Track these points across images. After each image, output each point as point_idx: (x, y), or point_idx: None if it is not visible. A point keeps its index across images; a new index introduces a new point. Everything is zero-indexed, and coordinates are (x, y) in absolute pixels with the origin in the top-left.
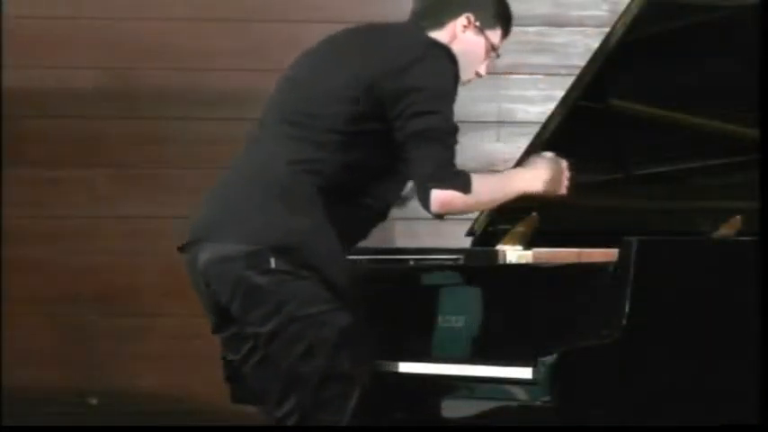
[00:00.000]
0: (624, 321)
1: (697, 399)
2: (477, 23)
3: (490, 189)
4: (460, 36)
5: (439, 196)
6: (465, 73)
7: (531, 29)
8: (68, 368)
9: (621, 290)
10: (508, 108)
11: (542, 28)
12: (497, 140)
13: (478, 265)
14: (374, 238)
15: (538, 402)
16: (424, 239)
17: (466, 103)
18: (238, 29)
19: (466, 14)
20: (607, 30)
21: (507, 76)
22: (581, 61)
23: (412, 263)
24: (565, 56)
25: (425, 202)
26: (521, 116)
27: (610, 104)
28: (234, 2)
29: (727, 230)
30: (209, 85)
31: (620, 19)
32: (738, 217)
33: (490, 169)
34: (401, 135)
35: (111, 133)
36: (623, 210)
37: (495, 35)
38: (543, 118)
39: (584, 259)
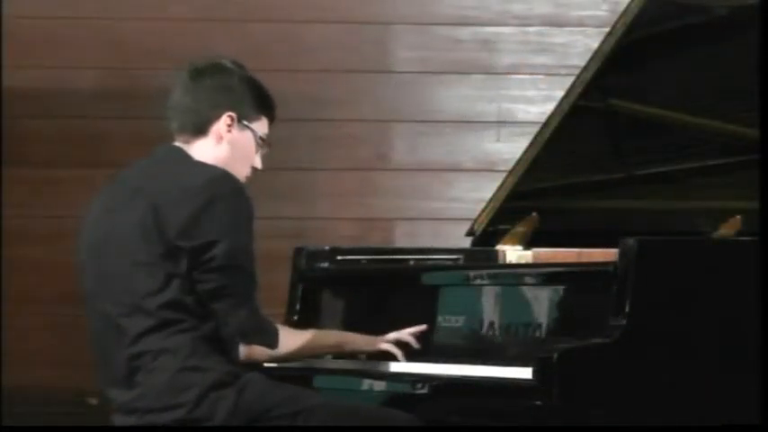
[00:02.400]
0: (624, 321)
1: (697, 399)
2: (241, 119)
3: (298, 345)
4: (227, 137)
5: (243, 351)
6: (240, 171)
7: (531, 29)
8: (68, 368)
9: (621, 290)
10: (508, 108)
11: (542, 28)
12: (497, 140)
13: (478, 265)
14: (374, 238)
15: (538, 402)
16: (424, 239)
17: (466, 103)
18: (238, 29)
19: (227, 114)
20: (607, 30)
21: (507, 76)
22: (581, 61)
23: (412, 263)
24: (565, 56)
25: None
26: (521, 116)
27: (610, 104)
28: (234, 2)
29: (727, 230)
30: None
31: (620, 19)
32: (738, 217)
33: (490, 169)
34: (205, 289)
35: (112, 133)
36: (623, 210)
37: (261, 126)
38: (543, 118)
39: (585, 259)
